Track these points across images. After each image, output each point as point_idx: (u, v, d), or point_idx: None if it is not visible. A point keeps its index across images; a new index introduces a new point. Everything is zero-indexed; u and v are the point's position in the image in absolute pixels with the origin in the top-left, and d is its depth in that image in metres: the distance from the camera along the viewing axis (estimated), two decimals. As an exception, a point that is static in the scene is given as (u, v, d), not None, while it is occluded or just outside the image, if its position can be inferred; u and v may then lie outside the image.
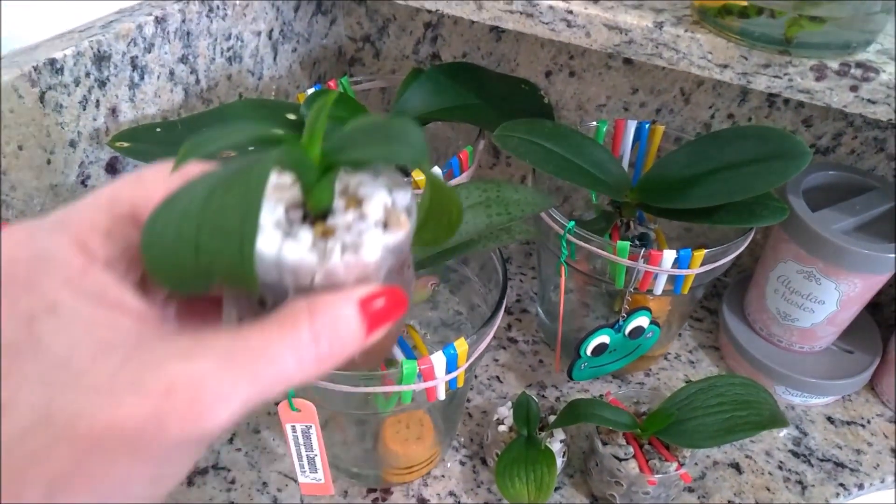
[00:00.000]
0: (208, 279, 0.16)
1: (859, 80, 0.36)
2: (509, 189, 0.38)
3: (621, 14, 0.41)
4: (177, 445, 0.15)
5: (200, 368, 0.15)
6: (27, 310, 0.15)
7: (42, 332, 0.15)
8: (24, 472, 0.14)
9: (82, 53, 0.42)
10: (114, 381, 0.15)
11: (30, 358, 0.15)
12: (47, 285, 0.16)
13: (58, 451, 0.14)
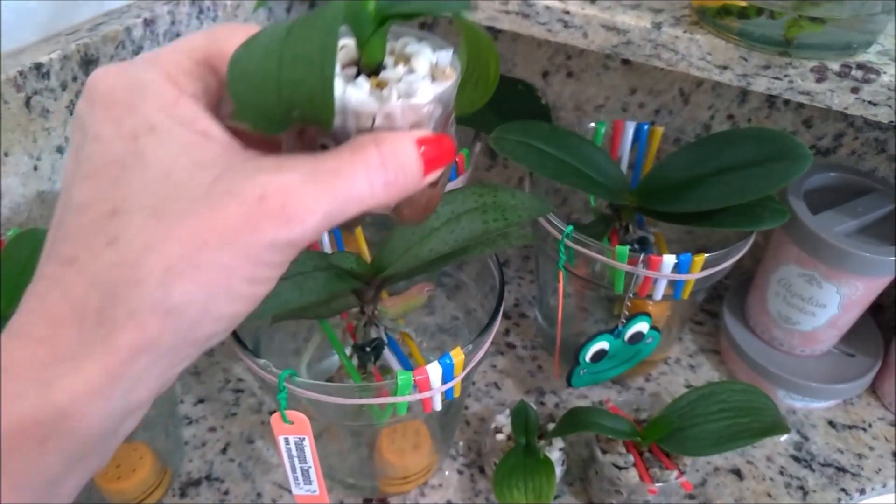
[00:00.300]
0: (288, 113, 0.18)
1: (860, 81, 0.36)
2: (506, 194, 0.37)
3: (619, 14, 0.40)
4: (269, 247, 0.17)
5: (289, 180, 0.17)
6: (130, 129, 0.17)
7: (145, 148, 0.17)
8: (140, 262, 0.16)
9: (69, 57, 0.41)
10: (211, 190, 0.17)
11: (137, 170, 0.17)
12: (145, 109, 0.18)
13: (168, 246, 0.16)
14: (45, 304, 0.17)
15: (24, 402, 0.15)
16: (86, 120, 0.18)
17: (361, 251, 0.44)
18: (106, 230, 0.17)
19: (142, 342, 0.16)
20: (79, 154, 0.18)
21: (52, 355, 0.16)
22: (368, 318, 0.39)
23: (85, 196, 0.17)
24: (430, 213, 0.22)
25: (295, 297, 0.34)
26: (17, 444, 0.15)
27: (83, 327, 0.16)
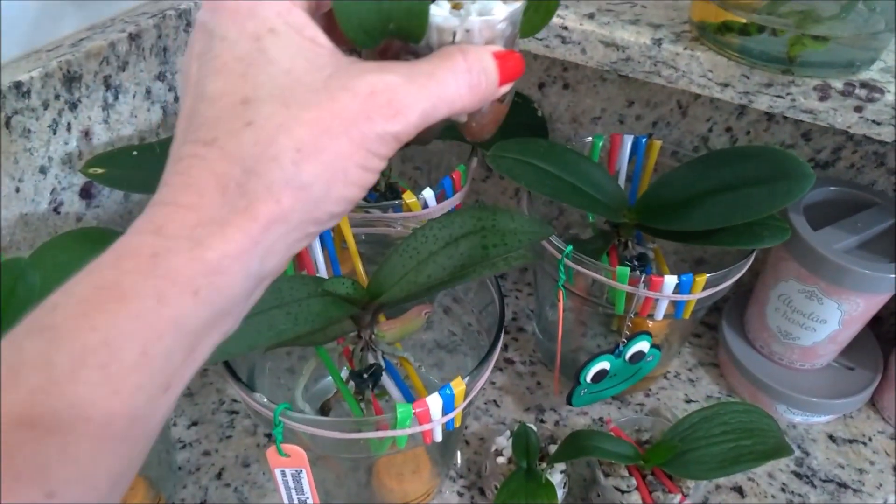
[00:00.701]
0: (385, 27, 0.20)
1: (864, 100, 0.35)
2: (505, 217, 0.36)
3: (618, 30, 0.39)
4: (378, 138, 0.19)
5: (392, 80, 0.19)
6: (253, 31, 0.19)
7: (267, 47, 0.19)
8: (275, 141, 0.18)
9: (51, 75, 0.40)
10: (328, 85, 0.19)
11: (262, 66, 0.19)
12: (264, 14, 0.19)
13: (297, 129, 0.18)
14: (189, 178, 0.18)
15: (179, 258, 0.17)
16: (210, 24, 0.20)
17: (357, 271, 0.43)
18: (241, 115, 0.19)
19: (277, 213, 0.18)
20: (206, 54, 0.20)
21: (199, 220, 0.18)
22: (365, 343, 0.38)
23: (217, 88, 0.19)
24: (495, 129, 0.25)
25: (289, 326, 0.33)
26: (173, 293, 0.17)
27: (226, 197, 0.18)
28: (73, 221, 0.44)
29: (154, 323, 0.17)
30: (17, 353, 0.16)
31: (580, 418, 0.50)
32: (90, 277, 0.17)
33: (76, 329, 0.16)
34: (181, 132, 0.19)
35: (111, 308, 0.16)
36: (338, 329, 0.38)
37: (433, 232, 0.36)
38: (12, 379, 0.16)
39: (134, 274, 0.17)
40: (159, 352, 0.17)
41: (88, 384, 0.16)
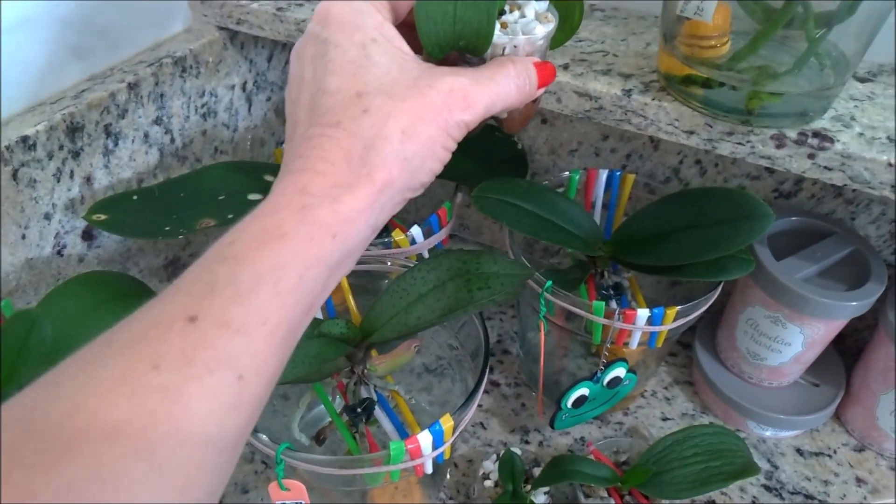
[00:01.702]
0: (456, 43, 0.27)
1: (816, 148, 0.38)
2: (488, 260, 0.39)
3: (591, 81, 0.42)
4: (456, 125, 0.25)
5: (465, 81, 0.26)
6: (360, 40, 0.25)
7: (371, 53, 0.25)
8: (387, 125, 0.24)
9: (55, 127, 0.42)
10: (417, 84, 0.25)
11: (369, 67, 0.25)
12: (367, 26, 0.25)
13: (401, 116, 0.24)
14: (322, 151, 0.23)
15: (322, 210, 0.22)
16: (323, 35, 0.25)
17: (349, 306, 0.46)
18: (358, 105, 0.24)
19: (388, 180, 0.24)
20: (321, 58, 0.25)
21: (334, 182, 0.23)
22: (358, 378, 0.41)
23: (335, 84, 0.24)
24: (527, 123, 0.33)
25: (288, 370, 0.35)
26: (319, 235, 0.22)
27: (352, 166, 0.23)
28: (76, 263, 0.46)
29: (306, 257, 0.22)
30: (211, 273, 0.21)
31: (563, 438, 0.53)
32: (256, 223, 0.22)
33: (252, 258, 0.21)
34: (304, 119, 0.25)
35: (276, 245, 0.21)
36: (332, 366, 0.40)
37: (421, 274, 0.39)
38: (209, 293, 0.20)
39: (290, 221, 0.22)
40: (309, 278, 0.22)
41: (264, 297, 0.21)
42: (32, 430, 0.17)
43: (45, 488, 0.16)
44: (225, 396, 0.19)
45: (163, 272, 0.54)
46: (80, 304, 0.38)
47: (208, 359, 0.19)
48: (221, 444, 0.19)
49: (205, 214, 0.43)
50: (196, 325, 0.19)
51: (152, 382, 0.18)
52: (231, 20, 0.50)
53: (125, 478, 0.17)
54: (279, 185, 0.23)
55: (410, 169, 0.24)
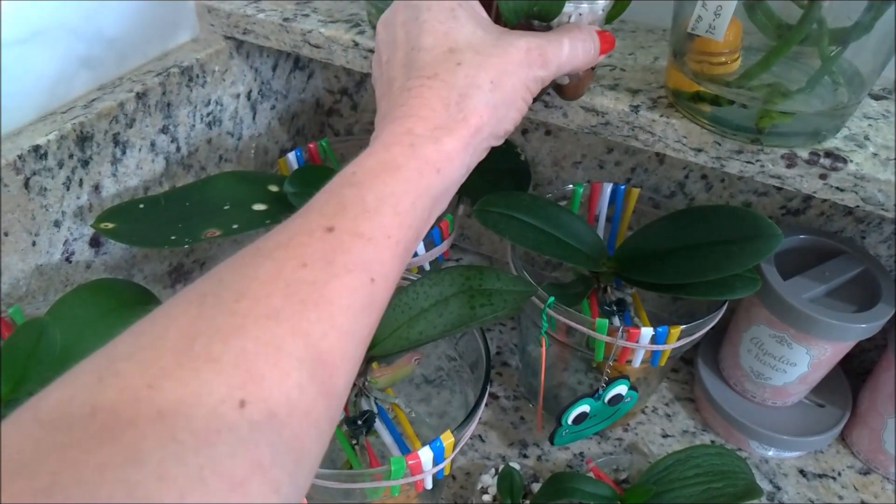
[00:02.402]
0: (530, 10, 0.31)
1: (828, 169, 0.38)
2: (491, 276, 0.38)
3: (598, 97, 0.42)
4: (534, 80, 0.29)
5: (541, 42, 0.29)
6: (449, 5, 0.29)
7: (458, 15, 0.29)
8: (478, 75, 0.27)
9: (66, 136, 0.42)
10: (499, 42, 0.29)
11: (457, 28, 0.29)
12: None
13: (489, 69, 0.28)
14: (422, 99, 0.27)
15: (427, 148, 0.26)
16: (414, 1, 0.29)
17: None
18: (451, 59, 0.28)
19: (480, 124, 0.27)
20: (413, 21, 0.29)
21: (436, 125, 0.26)
22: (359, 390, 0.41)
23: (430, 42, 0.28)
24: (584, 91, 0.39)
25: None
26: (426, 169, 0.25)
27: (449, 113, 0.26)
28: (83, 269, 0.47)
29: (416, 186, 0.25)
30: (340, 196, 0.24)
31: (562, 453, 0.53)
32: (371, 158, 0.25)
33: (374, 184, 0.24)
34: (400, 75, 0.28)
35: (392, 175, 0.25)
36: (334, 379, 0.40)
37: (424, 289, 0.39)
38: (341, 210, 0.23)
39: (401, 156, 0.25)
40: (419, 206, 0.25)
41: (387, 215, 0.24)
42: (206, 311, 0.20)
43: (224, 354, 0.19)
44: (360, 294, 0.22)
45: (167, 278, 0.55)
46: (87, 312, 0.39)
47: (346, 261, 0.22)
48: (358, 338, 0.22)
49: (210, 224, 0.44)
50: (334, 234, 0.22)
51: (302, 277, 0.21)
52: (237, 30, 0.50)
53: (284, 351, 0.20)
54: (387, 128, 0.26)
55: (497, 116, 0.28)
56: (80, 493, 0.15)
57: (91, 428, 0.16)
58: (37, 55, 0.41)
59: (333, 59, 0.48)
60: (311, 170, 0.48)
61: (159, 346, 0.19)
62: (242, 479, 0.17)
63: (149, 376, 0.17)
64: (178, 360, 0.18)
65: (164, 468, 0.16)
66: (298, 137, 0.65)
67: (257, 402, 0.18)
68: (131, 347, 0.19)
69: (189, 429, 0.17)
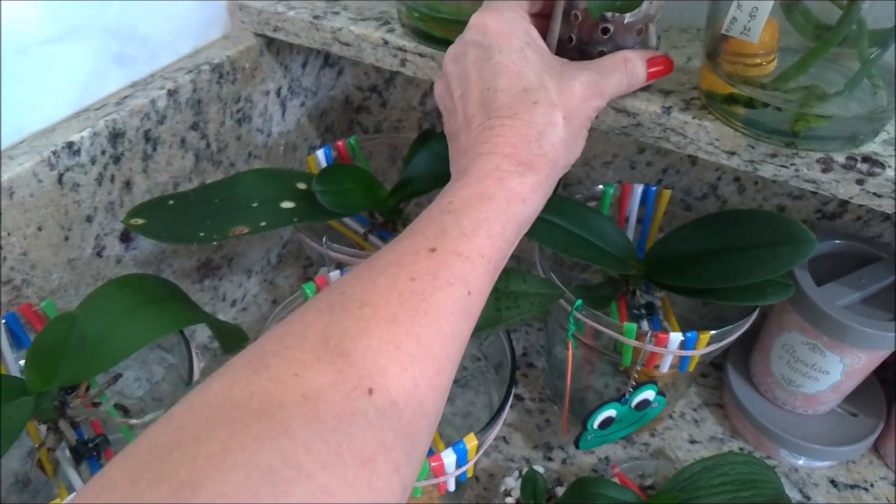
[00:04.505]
0: (614, 6, 0.34)
1: (865, 174, 0.37)
2: (517, 279, 0.38)
3: (629, 97, 0.41)
4: (594, 110, 0.32)
5: (594, 75, 0.32)
6: (517, 44, 0.32)
7: (527, 55, 0.31)
8: (553, 113, 0.30)
9: (98, 133, 0.43)
10: (563, 78, 0.31)
11: (527, 66, 0.31)
12: (519, 32, 0.32)
13: (561, 107, 0.30)
14: (505, 138, 0.29)
15: (514, 181, 0.28)
16: (485, 42, 0.32)
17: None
18: (528, 98, 0.30)
19: (556, 158, 0.30)
20: (486, 61, 0.31)
21: (518, 162, 0.29)
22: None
23: (505, 83, 0.31)
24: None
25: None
26: (513, 199, 0.28)
27: (530, 149, 0.29)
28: (114, 263, 0.47)
29: (505, 213, 0.28)
30: (440, 222, 0.27)
31: (587, 457, 0.52)
32: (466, 189, 0.28)
33: (469, 212, 0.27)
34: (478, 113, 0.31)
35: (485, 204, 0.28)
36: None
37: (449, 290, 0.39)
38: (442, 233, 0.26)
39: (492, 188, 0.28)
40: (508, 230, 0.28)
41: (481, 237, 0.27)
42: (335, 318, 0.23)
43: (354, 350, 0.22)
44: (460, 304, 0.25)
45: (195, 274, 0.55)
46: (117, 306, 0.39)
47: (448, 276, 0.25)
48: (458, 342, 0.25)
49: (238, 221, 0.44)
50: (437, 254, 0.25)
51: (412, 289, 0.24)
52: (268, 27, 0.51)
53: (402, 349, 0.23)
54: (475, 162, 0.29)
55: (569, 148, 0.31)
56: (244, 457, 0.18)
57: (251, 407, 0.20)
58: (71, 53, 0.41)
59: (363, 57, 0.48)
60: (338, 169, 0.48)
61: (300, 345, 0.22)
62: (371, 456, 0.20)
63: (294, 368, 0.21)
64: (317, 356, 0.21)
65: (310, 442, 0.19)
66: (327, 134, 0.66)
67: (382, 391, 0.21)
68: (277, 346, 0.22)
69: (329, 410, 0.20)
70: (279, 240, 0.66)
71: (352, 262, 0.46)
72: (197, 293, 0.56)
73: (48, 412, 0.38)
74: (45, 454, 0.38)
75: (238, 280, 0.61)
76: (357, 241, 0.53)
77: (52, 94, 0.42)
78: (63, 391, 0.39)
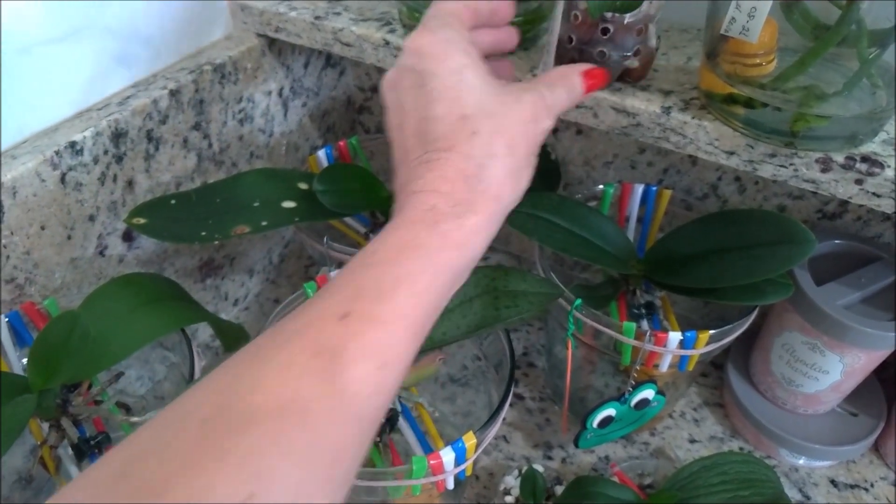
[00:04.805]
0: (613, 6, 0.35)
1: (864, 174, 0.37)
2: (516, 278, 0.38)
3: (629, 98, 0.41)
4: (542, 132, 0.29)
5: (540, 92, 0.29)
6: (454, 67, 0.28)
7: (465, 78, 0.28)
8: (495, 142, 0.27)
9: (101, 133, 0.43)
10: (505, 100, 0.28)
11: (466, 91, 0.27)
12: (457, 53, 0.28)
13: (503, 134, 0.27)
14: (440, 172, 0.26)
15: (449, 224, 0.25)
16: (419, 66, 0.28)
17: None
18: (466, 128, 0.27)
19: (500, 193, 0.27)
20: (421, 88, 0.28)
21: (455, 202, 0.26)
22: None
23: (440, 111, 0.27)
24: (649, 70, 0.41)
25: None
26: (447, 245, 0.25)
27: (469, 184, 0.26)
28: (116, 263, 0.48)
29: (436, 264, 0.25)
30: (358, 278, 0.24)
31: (587, 456, 0.52)
32: (394, 235, 0.25)
33: (392, 265, 0.24)
34: (414, 145, 0.28)
35: (412, 253, 0.25)
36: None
37: (449, 289, 0.39)
38: (356, 293, 0.23)
39: (423, 234, 0.25)
40: (438, 283, 0.25)
41: (402, 297, 0.24)
42: (224, 404, 0.20)
43: (236, 448, 0.19)
44: (371, 380, 0.22)
45: (197, 273, 0.56)
46: (119, 305, 0.40)
47: (357, 348, 0.22)
48: (367, 422, 0.22)
49: (240, 221, 0.44)
50: (348, 321, 0.22)
51: (313, 367, 0.21)
52: (270, 28, 0.51)
53: (291, 446, 0.20)
54: (409, 202, 0.26)
55: (516, 179, 0.28)
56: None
57: None
58: (73, 53, 0.42)
59: (364, 57, 0.48)
60: (339, 168, 0.48)
61: (182, 435, 0.20)
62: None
63: (172, 469, 0.19)
64: (194, 461, 0.19)
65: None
66: (329, 135, 0.66)
67: (265, 496, 0.19)
68: (155, 443, 0.20)
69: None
70: (281, 239, 0.66)
71: (352, 262, 0.47)
72: (199, 292, 0.57)
73: (50, 410, 0.38)
74: (48, 452, 0.39)
75: (240, 279, 0.62)
76: (359, 240, 0.54)
77: (55, 94, 0.42)
78: (65, 389, 0.39)
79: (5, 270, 0.40)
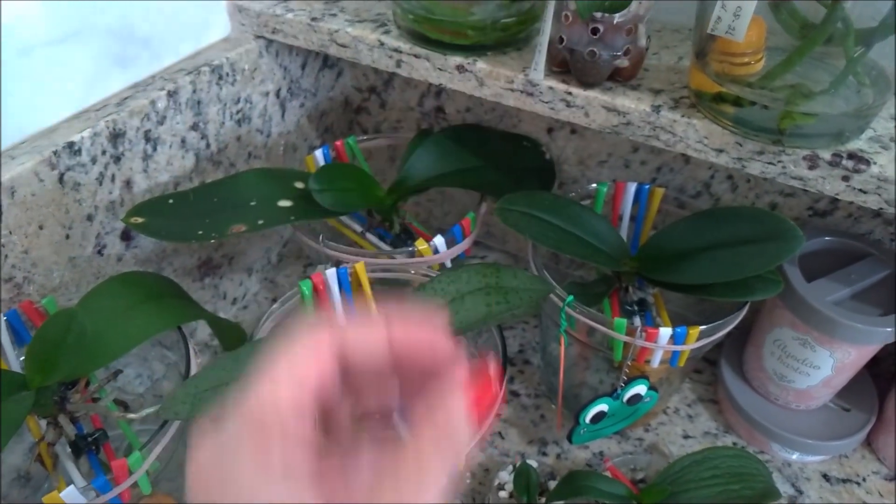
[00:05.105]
0: (603, 7, 0.37)
1: (851, 171, 0.37)
2: (508, 275, 0.39)
3: (619, 97, 0.42)
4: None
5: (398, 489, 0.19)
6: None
7: None
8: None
9: (99, 133, 0.43)
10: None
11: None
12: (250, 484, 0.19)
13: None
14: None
15: None
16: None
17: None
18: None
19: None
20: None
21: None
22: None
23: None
24: (641, 69, 0.42)
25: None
26: None
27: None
28: (115, 262, 0.48)
29: None
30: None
31: (581, 452, 0.53)
32: None
33: None
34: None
35: None
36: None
37: (441, 285, 0.39)
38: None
39: None
40: None
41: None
42: None
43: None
44: None
45: (196, 272, 0.56)
46: (116, 303, 0.40)
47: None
48: None
49: (237, 220, 0.45)
50: None
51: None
52: (267, 29, 0.51)
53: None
54: None
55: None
56: None
57: None
58: (72, 54, 0.42)
59: (360, 58, 0.48)
60: (335, 168, 0.49)
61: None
62: None
63: None
64: None
65: None
66: (327, 135, 0.67)
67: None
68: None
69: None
70: (279, 239, 0.67)
71: (348, 260, 0.47)
72: (197, 291, 0.57)
73: (48, 407, 0.39)
74: (45, 448, 0.39)
75: (238, 278, 0.62)
76: (355, 239, 0.54)
77: (54, 95, 0.43)
78: (63, 386, 0.40)
79: (4, 269, 0.41)
